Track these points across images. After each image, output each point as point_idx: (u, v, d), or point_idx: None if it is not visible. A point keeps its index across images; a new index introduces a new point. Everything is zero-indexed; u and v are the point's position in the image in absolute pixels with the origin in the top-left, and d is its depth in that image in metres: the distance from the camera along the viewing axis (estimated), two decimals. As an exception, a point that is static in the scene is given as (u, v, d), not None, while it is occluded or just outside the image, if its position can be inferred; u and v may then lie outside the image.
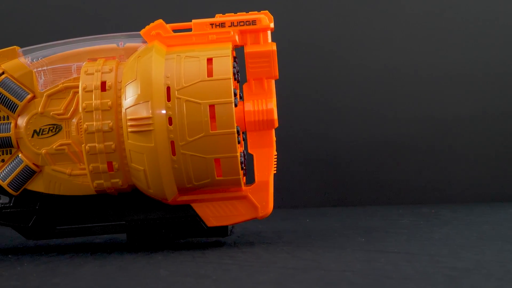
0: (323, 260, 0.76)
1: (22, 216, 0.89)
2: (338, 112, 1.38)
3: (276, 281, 0.67)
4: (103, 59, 0.87)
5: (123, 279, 0.71)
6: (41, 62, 0.89)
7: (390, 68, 1.39)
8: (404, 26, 1.39)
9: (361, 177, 1.37)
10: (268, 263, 0.76)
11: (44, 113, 0.88)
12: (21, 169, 0.87)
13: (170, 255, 0.83)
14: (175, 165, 0.83)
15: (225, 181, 0.85)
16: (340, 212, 1.27)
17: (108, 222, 0.90)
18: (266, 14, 0.88)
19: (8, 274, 0.75)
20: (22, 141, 0.88)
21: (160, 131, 0.81)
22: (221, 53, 0.85)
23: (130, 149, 0.82)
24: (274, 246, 0.87)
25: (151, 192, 0.85)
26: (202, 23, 0.88)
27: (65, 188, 0.88)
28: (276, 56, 0.88)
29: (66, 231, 0.90)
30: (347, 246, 0.85)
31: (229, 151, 0.82)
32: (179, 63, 0.84)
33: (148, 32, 0.88)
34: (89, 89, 0.84)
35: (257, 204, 0.88)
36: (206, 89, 0.82)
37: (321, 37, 1.39)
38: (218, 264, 0.76)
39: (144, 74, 0.82)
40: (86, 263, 0.81)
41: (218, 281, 0.68)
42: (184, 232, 0.89)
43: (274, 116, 0.87)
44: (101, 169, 0.84)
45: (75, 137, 0.87)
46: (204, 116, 0.82)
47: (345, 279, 0.67)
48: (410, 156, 1.38)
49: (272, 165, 0.88)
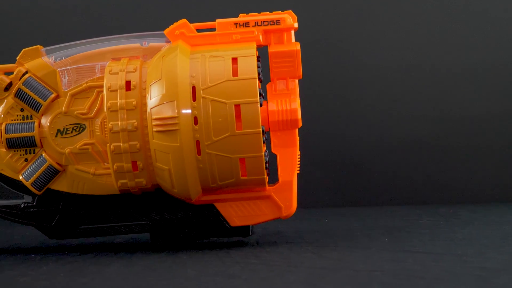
0: (350, 260, 0.76)
1: (45, 216, 0.89)
2: (354, 111, 1.38)
3: (307, 281, 0.67)
4: (127, 58, 0.87)
5: (151, 278, 0.70)
6: (65, 62, 0.89)
7: (407, 67, 1.38)
8: (421, 26, 1.39)
9: (377, 177, 1.37)
10: (296, 263, 0.76)
11: (68, 113, 0.87)
12: (45, 169, 0.87)
13: (194, 255, 0.83)
14: (200, 165, 0.82)
15: (249, 181, 0.84)
16: (357, 212, 1.27)
17: (131, 222, 0.89)
18: (290, 14, 0.88)
19: (35, 274, 0.75)
20: (46, 141, 0.88)
21: (186, 130, 0.81)
22: (246, 52, 0.84)
23: (155, 148, 0.82)
24: (297, 246, 0.87)
25: (175, 192, 0.85)
26: (226, 23, 0.88)
27: (89, 188, 0.88)
28: (300, 56, 0.87)
29: (89, 231, 0.90)
30: (372, 246, 0.85)
31: (254, 150, 0.82)
32: (204, 63, 0.83)
33: (172, 31, 0.88)
34: (113, 88, 0.84)
35: (280, 204, 0.88)
36: (231, 88, 0.82)
37: (337, 36, 1.38)
38: (245, 264, 0.76)
39: (170, 74, 0.82)
40: (112, 262, 0.81)
41: (248, 281, 0.68)
42: (207, 232, 0.89)
43: (298, 116, 0.87)
44: (125, 168, 0.84)
45: (99, 137, 0.87)
46: (230, 116, 0.81)
47: (376, 279, 0.66)
48: (427, 156, 1.37)
49: (296, 164, 0.88)
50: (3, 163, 0.89)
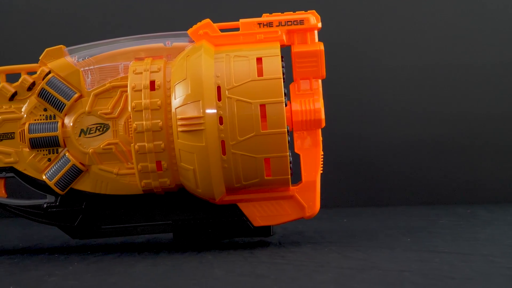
0: (377, 260, 0.76)
1: (68, 216, 0.89)
2: (370, 112, 1.38)
3: (336, 281, 0.67)
4: (150, 58, 0.87)
5: (180, 278, 0.71)
6: (88, 61, 0.88)
7: (424, 67, 1.38)
8: (438, 26, 1.38)
9: (392, 177, 1.37)
10: (322, 263, 0.76)
11: (91, 112, 0.87)
12: (68, 168, 0.87)
13: (219, 255, 0.83)
14: (225, 165, 0.82)
15: (274, 181, 0.84)
16: (373, 212, 1.26)
17: (155, 222, 0.89)
18: (313, 14, 0.88)
19: (62, 274, 0.76)
20: (69, 140, 0.88)
21: (211, 130, 0.81)
22: (270, 52, 0.84)
23: (180, 148, 0.82)
24: (321, 246, 0.87)
25: (199, 192, 0.85)
26: (249, 23, 0.88)
27: (112, 188, 0.88)
28: (324, 56, 0.87)
29: (111, 231, 0.90)
30: (396, 246, 0.85)
31: (279, 150, 0.82)
32: (229, 63, 0.83)
33: (196, 31, 0.88)
34: (138, 88, 0.84)
35: (304, 204, 0.88)
36: (256, 88, 0.82)
37: (352, 36, 1.38)
38: (271, 264, 0.76)
39: (194, 74, 0.82)
40: (137, 262, 0.81)
41: (278, 281, 0.68)
42: (230, 232, 0.89)
43: (321, 116, 0.87)
44: (149, 168, 0.84)
45: (122, 136, 0.87)
46: (255, 116, 0.81)
47: (406, 279, 0.66)
48: (443, 156, 1.37)
49: (319, 164, 0.88)
50: (26, 163, 0.89)
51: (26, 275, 0.76)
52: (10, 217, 1.29)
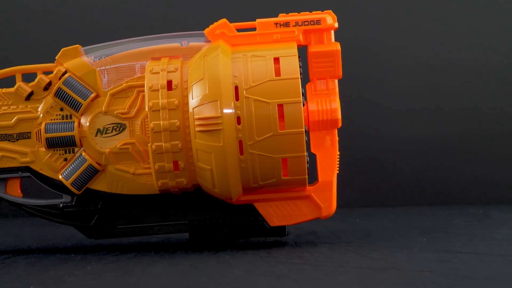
0: (395, 260, 0.76)
1: (84, 215, 0.89)
2: (382, 112, 1.38)
3: (358, 281, 0.66)
4: (167, 58, 0.87)
5: (200, 278, 0.70)
6: (104, 61, 0.88)
7: (435, 68, 1.38)
8: (450, 26, 1.38)
9: (404, 177, 1.37)
10: (341, 263, 0.76)
11: (108, 112, 0.87)
12: (85, 168, 0.87)
13: (236, 255, 0.83)
14: (243, 165, 0.82)
15: (291, 181, 0.84)
16: (385, 212, 1.27)
17: (171, 222, 0.89)
18: (330, 14, 0.88)
19: (81, 273, 0.75)
20: (86, 140, 0.88)
21: (229, 130, 0.81)
22: (287, 52, 0.84)
23: (197, 148, 0.82)
24: (337, 246, 0.87)
25: (216, 192, 0.84)
26: (266, 23, 0.88)
27: (128, 187, 0.88)
28: (340, 56, 0.87)
29: (127, 230, 0.90)
30: (413, 246, 0.85)
31: (297, 150, 0.82)
32: (246, 63, 0.83)
33: (212, 31, 0.88)
34: (155, 88, 0.84)
35: (320, 204, 0.88)
36: (274, 88, 0.82)
37: (364, 37, 1.38)
38: (290, 264, 0.76)
39: (212, 74, 0.82)
40: (155, 262, 0.80)
41: (299, 281, 0.68)
42: (246, 232, 0.89)
43: (338, 116, 0.86)
44: (167, 168, 0.84)
45: (139, 136, 0.87)
46: (273, 116, 0.81)
47: (428, 279, 0.66)
48: (454, 156, 1.37)
49: (336, 164, 0.88)
50: (42, 162, 0.89)
51: (44, 275, 0.76)
52: (24, 216, 1.29)
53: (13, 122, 0.89)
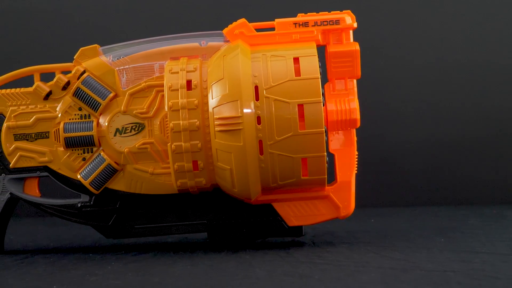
0: (417, 261, 0.76)
1: (102, 215, 0.89)
2: (395, 112, 1.38)
3: (382, 281, 0.66)
4: (186, 58, 0.87)
5: (223, 278, 0.70)
6: (123, 61, 0.88)
7: (448, 68, 1.38)
8: (463, 26, 1.38)
9: (417, 177, 1.37)
10: (362, 263, 0.76)
11: (127, 112, 0.87)
12: (103, 168, 0.87)
13: (256, 255, 0.83)
14: (262, 164, 0.82)
15: (310, 181, 0.84)
16: (399, 212, 1.27)
17: (189, 222, 0.89)
18: (349, 14, 0.88)
19: (102, 273, 0.75)
20: (104, 140, 0.88)
21: (249, 130, 0.81)
22: (307, 52, 0.84)
23: (217, 148, 0.82)
24: (356, 246, 0.87)
25: (235, 192, 0.84)
26: (285, 23, 0.88)
27: (147, 187, 0.88)
28: (359, 56, 0.87)
29: (145, 230, 0.90)
30: (432, 246, 0.85)
31: (317, 150, 0.82)
32: (266, 62, 0.83)
33: (231, 31, 0.88)
34: (174, 88, 0.84)
35: (339, 204, 0.88)
36: (294, 88, 0.82)
37: (379, 36, 1.38)
38: (311, 263, 0.76)
39: (232, 73, 0.82)
40: (175, 262, 0.80)
41: (323, 281, 0.68)
42: (264, 232, 0.89)
43: (357, 116, 0.86)
44: (186, 168, 0.84)
45: (158, 136, 0.87)
46: (293, 116, 0.81)
47: (451, 279, 0.66)
48: (466, 156, 1.37)
49: (354, 164, 0.88)
50: (61, 162, 0.89)
51: (66, 274, 0.76)
52: (36, 216, 1.29)
53: (31, 122, 0.89)
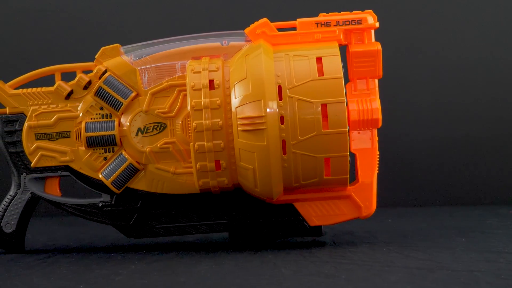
0: (441, 261, 0.76)
1: (123, 215, 0.89)
2: (409, 111, 1.38)
3: (411, 281, 0.66)
4: (207, 57, 0.87)
5: (249, 278, 0.70)
6: (145, 60, 0.88)
7: (462, 67, 1.38)
8: (480, 26, 1.38)
9: (432, 177, 1.37)
10: (387, 263, 0.75)
11: (148, 111, 0.87)
12: (125, 167, 0.87)
13: (278, 254, 0.83)
14: (285, 164, 0.82)
15: (332, 181, 0.84)
16: (415, 212, 1.27)
17: (210, 221, 0.89)
18: (370, 13, 0.88)
19: (127, 273, 0.75)
20: (126, 139, 0.88)
21: (273, 130, 0.81)
22: (330, 52, 0.84)
23: (240, 147, 0.82)
24: (377, 246, 0.87)
25: (257, 191, 0.84)
26: (307, 22, 0.88)
27: (168, 187, 0.88)
28: (381, 56, 0.87)
29: (166, 230, 0.90)
30: (454, 246, 0.85)
31: (340, 150, 0.82)
32: (288, 62, 0.83)
33: (253, 30, 0.88)
34: (197, 87, 0.84)
35: (360, 204, 0.88)
36: (317, 88, 0.82)
37: (393, 36, 1.38)
38: (336, 263, 0.76)
39: (255, 73, 0.82)
40: (198, 261, 0.80)
41: (350, 280, 0.68)
42: (285, 231, 0.89)
43: (379, 115, 0.86)
44: (208, 167, 0.84)
45: (179, 135, 0.87)
46: (316, 115, 0.81)
47: (480, 279, 0.66)
48: (482, 156, 1.37)
49: (376, 164, 0.88)
50: (82, 161, 0.89)
51: (90, 274, 0.75)
52: (51, 215, 1.29)
53: (52, 121, 0.89)
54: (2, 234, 0.91)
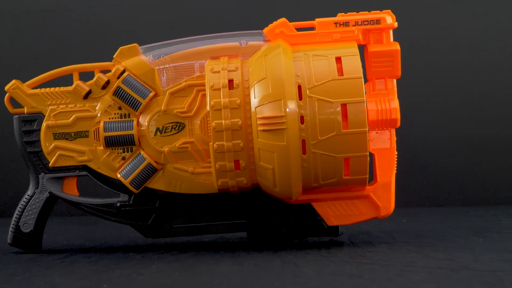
0: (462, 261, 0.76)
1: (141, 214, 0.89)
2: (423, 111, 1.37)
3: (435, 281, 0.66)
4: (226, 57, 0.87)
5: (273, 278, 0.70)
6: (163, 60, 0.88)
7: (476, 66, 1.38)
8: (492, 27, 1.38)
9: (445, 177, 1.37)
10: (408, 263, 0.75)
11: (167, 111, 0.87)
12: (144, 167, 0.87)
13: (298, 254, 0.83)
14: (305, 164, 0.82)
15: (351, 181, 0.84)
16: (429, 212, 1.27)
17: (229, 221, 0.89)
18: (389, 13, 0.88)
19: (149, 272, 0.75)
20: (144, 139, 0.88)
21: (293, 129, 0.81)
22: (349, 52, 0.84)
23: (260, 147, 0.82)
24: (395, 246, 0.87)
25: (276, 191, 0.84)
26: (326, 22, 0.88)
27: (186, 186, 0.88)
28: (400, 56, 0.87)
29: (184, 230, 0.90)
30: (472, 246, 0.85)
31: (359, 150, 0.82)
32: (308, 62, 0.83)
33: (272, 30, 0.88)
34: (216, 87, 0.84)
35: (379, 203, 0.88)
36: (337, 88, 0.82)
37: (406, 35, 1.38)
38: (357, 263, 0.76)
39: (275, 73, 0.82)
40: (218, 261, 0.80)
41: (374, 280, 0.68)
42: (303, 231, 0.89)
43: (397, 115, 0.86)
44: (228, 167, 0.84)
45: (198, 135, 0.87)
46: (336, 115, 0.81)
47: (504, 279, 0.66)
48: (495, 156, 1.37)
49: (394, 164, 0.88)
50: (100, 161, 0.89)
51: (112, 273, 0.75)
52: (64, 215, 1.29)
53: (71, 121, 0.89)
54: (20, 234, 0.91)
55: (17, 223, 0.90)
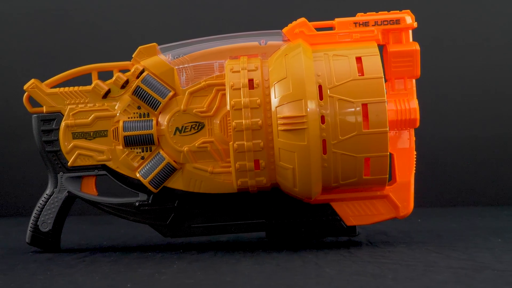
0: (484, 261, 0.76)
1: (160, 214, 0.89)
2: (436, 111, 1.37)
3: (459, 281, 0.66)
4: (245, 57, 0.87)
5: (296, 278, 0.70)
6: (182, 60, 0.88)
7: (491, 67, 1.38)
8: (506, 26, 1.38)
9: (458, 178, 1.37)
10: (429, 263, 0.75)
11: (186, 111, 0.87)
12: (163, 167, 0.87)
13: (318, 254, 0.83)
14: (325, 164, 0.82)
15: (371, 181, 0.84)
16: (443, 212, 1.27)
17: (248, 221, 0.89)
18: (408, 13, 0.88)
19: (170, 272, 0.75)
20: (164, 139, 0.88)
21: (313, 129, 0.81)
22: (369, 51, 0.84)
23: (280, 147, 0.82)
24: (414, 246, 0.87)
25: (296, 191, 0.84)
26: (345, 22, 0.88)
27: (206, 186, 0.88)
28: (419, 56, 0.87)
29: (203, 229, 0.90)
30: (492, 247, 0.85)
31: (380, 150, 0.82)
32: (328, 62, 0.83)
33: (291, 30, 0.88)
34: (236, 86, 0.84)
35: (398, 204, 0.88)
36: (358, 87, 0.82)
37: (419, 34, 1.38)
38: (378, 263, 0.76)
39: (295, 73, 0.82)
40: (239, 261, 0.80)
41: (397, 280, 0.68)
42: (322, 231, 0.89)
43: (417, 115, 0.86)
44: (247, 167, 0.83)
45: (217, 135, 0.87)
46: (357, 115, 0.81)
47: (529, 279, 0.66)
48: (505, 156, 1.37)
49: (413, 164, 0.88)
50: (119, 161, 0.89)
51: (134, 273, 0.75)
52: (77, 214, 1.29)
53: (90, 120, 0.89)
54: (39, 233, 0.91)
55: (35, 222, 0.91)
